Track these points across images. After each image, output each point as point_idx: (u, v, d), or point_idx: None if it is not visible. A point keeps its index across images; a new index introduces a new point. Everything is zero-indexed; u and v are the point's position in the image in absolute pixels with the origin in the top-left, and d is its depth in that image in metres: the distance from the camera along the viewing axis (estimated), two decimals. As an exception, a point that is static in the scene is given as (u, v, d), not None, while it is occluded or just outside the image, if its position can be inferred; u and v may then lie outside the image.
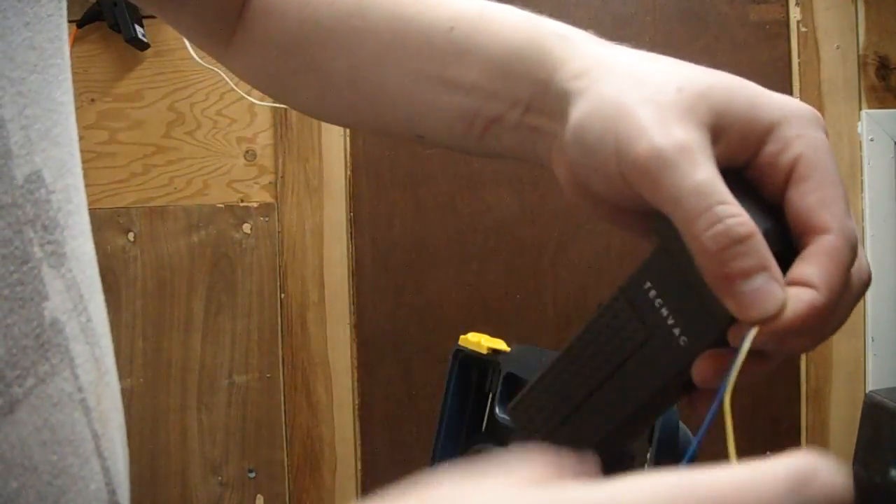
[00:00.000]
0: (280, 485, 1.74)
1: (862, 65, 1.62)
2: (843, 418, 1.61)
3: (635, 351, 0.32)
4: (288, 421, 1.74)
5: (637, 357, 0.32)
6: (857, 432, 1.39)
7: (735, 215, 0.28)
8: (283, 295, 1.74)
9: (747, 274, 0.28)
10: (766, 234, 0.29)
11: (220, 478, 1.75)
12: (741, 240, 0.28)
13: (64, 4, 0.38)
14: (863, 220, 1.62)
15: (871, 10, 1.61)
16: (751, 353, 0.30)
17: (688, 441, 0.32)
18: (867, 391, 1.48)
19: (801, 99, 1.56)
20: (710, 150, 0.30)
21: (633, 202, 0.31)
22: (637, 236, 0.36)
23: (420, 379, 1.72)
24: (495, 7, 0.40)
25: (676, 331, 0.31)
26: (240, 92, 1.69)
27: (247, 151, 1.75)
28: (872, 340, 1.61)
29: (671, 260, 0.30)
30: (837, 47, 1.62)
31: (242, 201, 1.75)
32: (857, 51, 1.62)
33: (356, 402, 1.73)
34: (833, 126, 1.62)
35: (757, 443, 1.65)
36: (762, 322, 0.28)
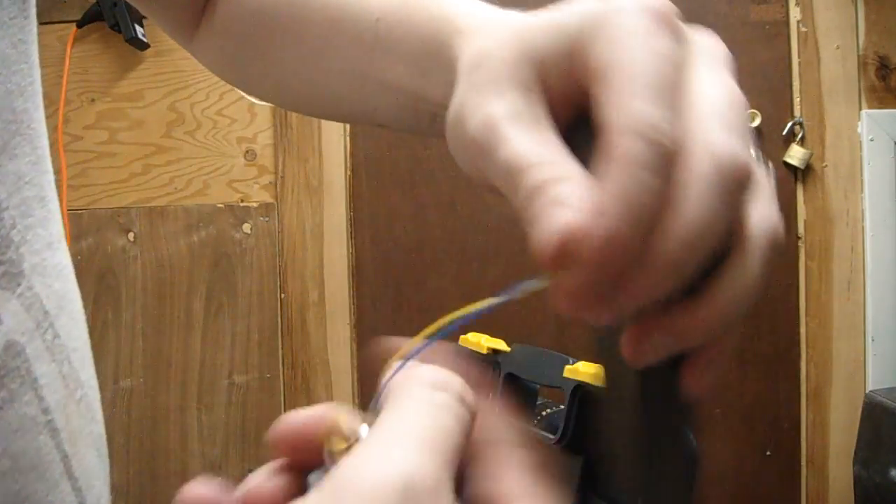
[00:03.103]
0: (280, 485, 1.74)
1: (862, 65, 1.62)
2: (843, 418, 1.61)
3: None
4: (288, 421, 1.74)
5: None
6: (857, 432, 1.39)
7: (543, 172, 0.23)
8: (283, 295, 1.74)
9: (537, 215, 0.22)
10: None
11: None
12: (538, 188, 0.23)
13: (31, 4, 0.37)
14: (863, 220, 1.62)
15: (871, 10, 1.61)
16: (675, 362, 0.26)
17: (689, 441, 0.32)
18: (867, 391, 1.48)
19: (801, 99, 1.56)
20: (535, 112, 0.26)
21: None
22: None
23: (420, 379, 1.72)
24: None
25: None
26: (240, 92, 1.69)
27: (247, 151, 1.75)
28: (872, 340, 1.61)
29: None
30: (837, 47, 1.62)
31: (242, 201, 1.75)
32: (857, 51, 1.62)
33: (356, 402, 1.73)
34: (833, 126, 1.63)
35: (757, 443, 1.65)
36: (564, 239, 0.22)
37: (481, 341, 0.38)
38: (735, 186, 0.23)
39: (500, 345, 0.41)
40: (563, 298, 0.23)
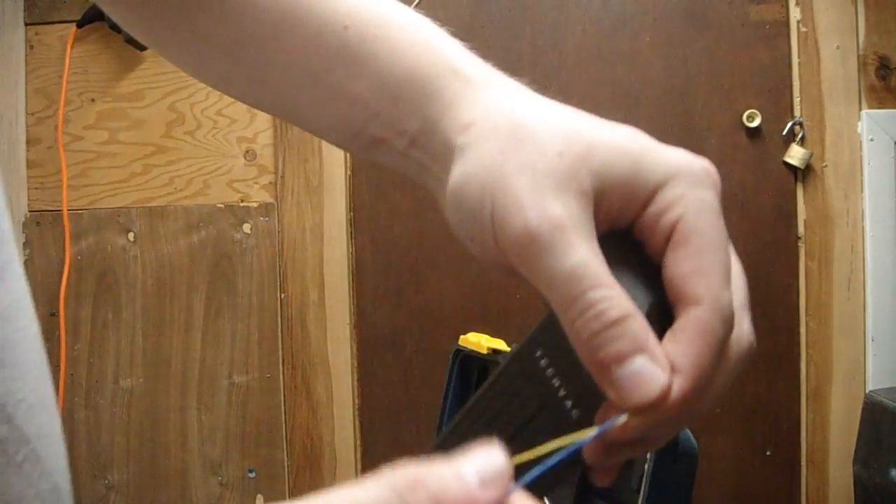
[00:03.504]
0: (280, 485, 1.74)
1: (862, 65, 1.62)
2: (843, 418, 1.61)
3: (532, 417, 0.30)
4: (288, 421, 1.74)
5: (534, 423, 0.30)
6: (857, 432, 1.39)
7: (606, 298, 0.26)
8: (283, 295, 1.74)
9: (621, 358, 0.26)
10: (650, 310, 0.27)
11: (220, 478, 1.75)
12: (613, 323, 0.26)
13: None
14: (863, 220, 1.62)
15: (871, 10, 1.61)
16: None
17: (688, 441, 0.32)
18: (867, 391, 1.47)
19: (801, 99, 1.56)
20: (589, 221, 0.28)
21: (513, 269, 0.30)
22: (512, 278, 0.33)
23: (420, 379, 1.72)
24: (399, 15, 0.36)
25: (568, 403, 0.29)
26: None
27: (247, 151, 1.75)
28: (872, 340, 1.61)
29: (561, 330, 0.28)
30: (837, 47, 1.62)
31: (242, 201, 1.75)
32: (857, 51, 1.62)
33: (356, 402, 1.73)
34: (833, 126, 1.63)
35: (757, 443, 1.65)
36: (643, 408, 0.26)
37: (481, 341, 0.39)
38: (747, 363, 0.29)
39: (500, 345, 0.41)
40: (635, 429, 0.26)
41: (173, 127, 1.77)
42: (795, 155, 1.61)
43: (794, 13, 1.63)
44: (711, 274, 0.27)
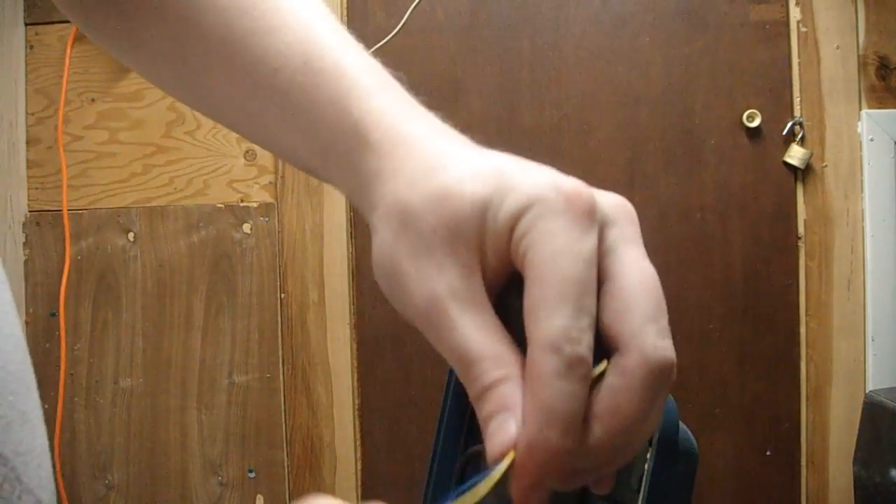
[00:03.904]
0: (280, 485, 1.74)
1: (862, 65, 1.62)
2: (843, 418, 1.61)
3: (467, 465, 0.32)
4: (288, 421, 1.74)
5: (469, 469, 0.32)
6: (857, 432, 1.39)
7: (482, 373, 0.27)
8: (283, 295, 1.74)
9: (488, 418, 0.27)
10: None
11: (220, 478, 1.75)
12: (484, 391, 0.27)
13: None
14: (863, 220, 1.62)
15: (871, 10, 1.61)
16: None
17: (688, 441, 0.32)
18: (867, 391, 1.48)
19: (801, 99, 1.55)
20: (472, 287, 0.28)
21: None
22: None
23: (420, 379, 1.72)
24: (319, 54, 0.34)
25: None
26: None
27: (247, 151, 1.75)
28: (872, 340, 1.61)
29: None
30: (837, 47, 1.62)
31: (242, 201, 1.75)
32: (857, 51, 1.62)
33: (356, 402, 1.73)
34: (833, 126, 1.63)
35: (757, 443, 1.65)
36: (492, 457, 0.27)
37: None
38: (663, 381, 0.26)
39: None
40: (520, 493, 0.26)
41: (173, 127, 1.77)
42: (795, 155, 1.61)
43: (794, 13, 1.63)
44: (539, 308, 0.26)
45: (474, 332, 0.28)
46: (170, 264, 1.75)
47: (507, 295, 0.29)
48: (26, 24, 1.79)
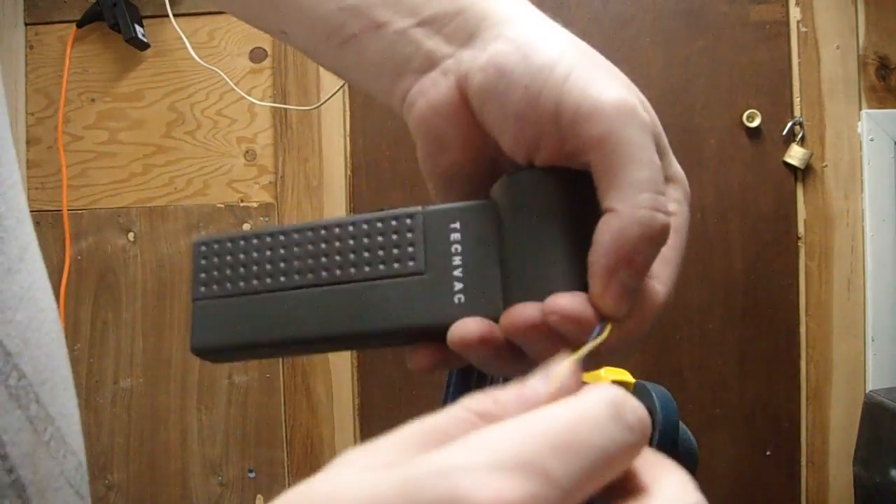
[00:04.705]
0: (280, 485, 1.74)
1: (862, 65, 1.62)
2: (843, 418, 1.61)
3: (398, 277, 0.28)
4: (288, 421, 1.74)
5: (394, 284, 0.28)
6: (857, 432, 1.39)
7: (668, 213, 0.26)
8: (283, 295, 1.73)
9: (638, 270, 0.26)
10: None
11: (220, 478, 1.75)
12: (659, 239, 0.26)
13: None
14: (863, 220, 1.62)
15: (871, 10, 1.61)
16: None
17: (688, 441, 0.32)
18: (867, 391, 1.47)
19: (801, 99, 1.56)
20: None
21: (523, 150, 0.29)
22: (447, 198, 0.33)
23: (420, 379, 1.72)
24: None
25: (458, 285, 0.28)
26: (240, 92, 1.69)
27: (247, 151, 1.75)
28: (872, 340, 1.61)
29: (499, 223, 0.28)
30: (837, 47, 1.62)
31: (242, 201, 1.75)
32: (857, 51, 1.62)
33: (356, 402, 1.73)
34: (833, 126, 1.63)
35: (757, 443, 1.65)
36: (611, 319, 0.26)
37: None
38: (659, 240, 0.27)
39: None
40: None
41: (173, 127, 1.77)
42: (795, 155, 1.61)
43: (794, 13, 1.63)
44: (673, 269, 0.28)
45: (661, 168, 0.28)
46: (170, 264, 1.75)
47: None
48: (26, 24, 1.79)
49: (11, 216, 0.34)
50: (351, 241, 0.29)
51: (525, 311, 0.26)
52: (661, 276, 0.28)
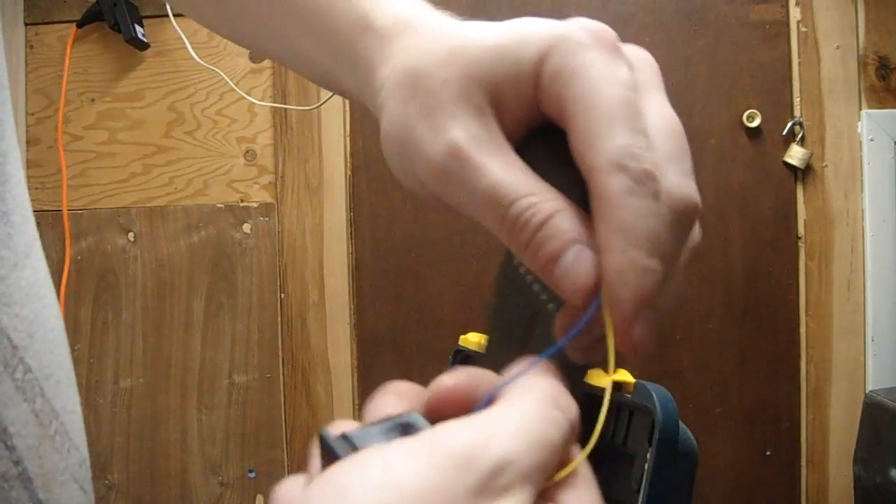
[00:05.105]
0: (280, 485, 1.74)
1: (862, 65, 1.62)
2: (843, 418, 1.61)
3: (532, 324, 0.30)
4: (288, 421, 1.74)
5: (534, 330, 0.30)
6: (857, 432, 1.39)
7: (528, 206, 0.25)
8: (282, 295, 1.74)
9: (555, 257, 0.25)
10: (584, 196, 0.26)
11: (220, 478, 1.75)
12: (539, 227, 0.25)
13: None
14: (863, 220, 1.62)
15: (871, 10, 1.61)
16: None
17: (688, 441, 0.32)
18: (867, 391, 1.48)
19: (801, 99, 1.56)
20: (494, 134, 0.27)
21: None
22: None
23: (420, 379, 1.71)
24: None
25: (550, 306, 0.30)
26: (240, 92, 1.69)
27: (247, 151, 1.75)
28: (872, 340, 1.61)
29: None
30: (837, 47, 1.62)
31: (242, 201, 1.75)
32: (857, 51, 1.62)
33: (356, 402, 1.73)
34: (833, 126, 1.63)
35: (757, 442, 1.65)
36: (581, 294, 0.25)
37: (481, 341, 0.38)
38: (688, 223, 0.27)
39: None
40: (622, 327, 0.25)
41: (173, 127, 1.76)
42: (795, 155, 1.61)
43: (794, 13, 1.63)
44: (600, 134, 0.25)
45: (506, 173, 0.26)
46: (170, 264, 1.75)
47: (527, 150, 0.28)
48: (26, 24, 1.79)
49: (17, 213, 0.34)
50: (505, 318, 0.32)
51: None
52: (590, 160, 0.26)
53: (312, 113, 1.72)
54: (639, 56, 0.29)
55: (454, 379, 0.24)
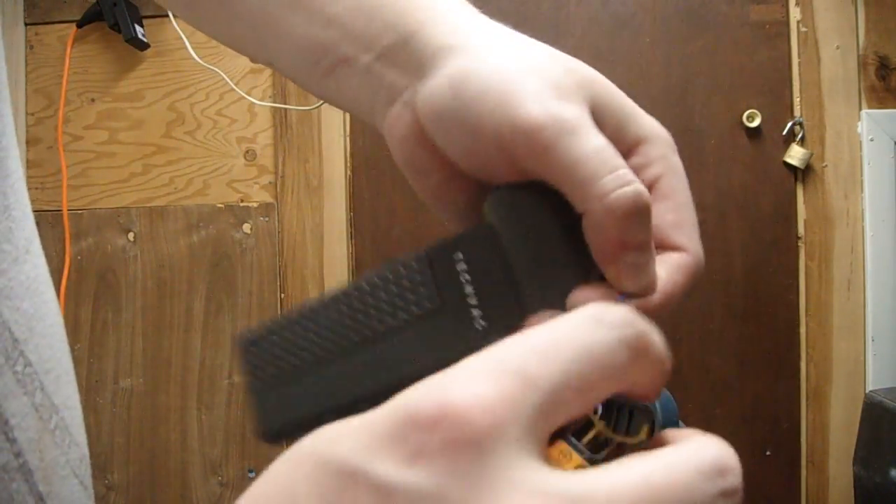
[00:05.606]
0: (280, 485, 1.74)
1: (862, 65, 1.62)
2: (843, 418, 1.61)
3: (419, 320, 0.29)
4: (288, 421, 1.74)
5: (418, 327, 0.29)
6: (857, 432, 1.39)
7: (631, 182, 0.27)
8: (282, 295, 1.74)
9: (640, 246, 0.27)
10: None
11: (220, 478, 1.75)
12: (643, 209, 0.27)
13: None
14: (863, 220, 1.62)
15: (871, 10, 1.61)
16: None
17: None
18: (867, 391, 1.47)
19: (801, 99, 1.56)
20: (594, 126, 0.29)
21: (482, 171, 0.30)
22: (450, 217, 0.35)
23: (420, 379, 1.72)
24: None
25: (476, 312, 0.29)
26: (240, 92, 1.69)
27: (247, 151, 1.75)
28: (872, 340, 1.61)
29: (496, 240, 0.29)
30: (837, 47, 1.62)
31: (242, 201, 1.75)
32: (857, 51, 1.62)
33: (356, 402, 1.73)
34: (833, 126, 1.63)
35: (757, 443, 1.65)
36: (632, 295, 0.28)
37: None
38: (701, 272, 0.32)
39: None
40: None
41: (173, 127, 1.77)
42: (795, 155, 1.61)
43: (794, 13, 1.63)
44: (690, 227, 0.32)
45: (609, 145, 0.28)
46: (170, 264, 1.75)
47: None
48: (26, 24, 1.79)
49: (18, 208, 0.35)
50: (371, 299, 0.30)
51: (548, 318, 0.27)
52: (679, 238, 0.31)
53: (312, 113, 1.72)
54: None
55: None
